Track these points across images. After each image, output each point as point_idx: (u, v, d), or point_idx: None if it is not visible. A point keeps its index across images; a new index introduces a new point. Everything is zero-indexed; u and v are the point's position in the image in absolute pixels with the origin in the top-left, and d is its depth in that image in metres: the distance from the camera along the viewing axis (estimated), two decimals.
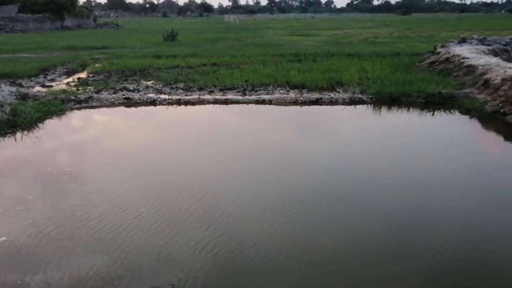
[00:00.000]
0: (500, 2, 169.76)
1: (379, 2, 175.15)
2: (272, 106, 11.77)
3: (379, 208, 5.88)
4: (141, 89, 13.55)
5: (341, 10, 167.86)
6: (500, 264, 4.60)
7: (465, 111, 10.81)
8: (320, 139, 9.25)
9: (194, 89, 13.45)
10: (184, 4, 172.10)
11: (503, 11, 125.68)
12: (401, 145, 8.74)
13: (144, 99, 12.32)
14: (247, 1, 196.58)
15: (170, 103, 12.06)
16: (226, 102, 12.11)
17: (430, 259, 4.62)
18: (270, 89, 13.27)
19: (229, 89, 13.36)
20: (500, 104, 10.56)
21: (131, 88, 13.55)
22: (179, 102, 12.12)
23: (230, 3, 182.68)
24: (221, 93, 12.92)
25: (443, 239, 5.05)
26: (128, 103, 12.15)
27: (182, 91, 13.20)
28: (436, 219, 5.58)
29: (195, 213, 5.64)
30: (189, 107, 11.89)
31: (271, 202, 5.95)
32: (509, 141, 9.08)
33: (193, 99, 12.33)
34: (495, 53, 16.41)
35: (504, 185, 6.79)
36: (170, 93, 13.04)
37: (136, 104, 12.10)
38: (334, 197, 6.24)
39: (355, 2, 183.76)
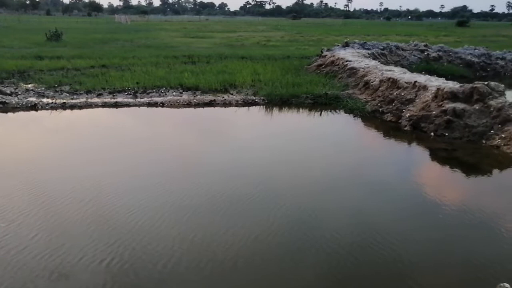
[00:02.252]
0: (379, 10, 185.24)
1: (271, 6, 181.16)
2: (165, 109, 11.52)
3: (276, 205, 6.02)
4: (20, 93, 12.42)
5: (235, 13, 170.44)
6: (388, 251, 4.96)
7: (349, 110, 11.57)
8: (215, 141, 9.25)
9: (81, 92, 12.68)
10: (70, 2, 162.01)
11: (381, 18, 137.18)
12: (292, 144, 9.07)
13: (24, 104, 11.32)
14: (139, 2, 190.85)
15: (54, 107, 11.21)
16: (116, 105, 11.59)
17: (328, 251, 4.85)
18: (162, 91, 12.99)
19: (119, 91, 12.82)
20: (379, 104, 11.46)
21: (8, 92, 12.35)
22: (64, 106, 11.32)
23: (121, 3, 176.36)
24: (111, 96, 12.35)
25: (337, 231, 5.33)
26: (5, 108, 11.07)
27: (68, 95, 12.37)
28: (329, 212, 5.89)
29: (81, 221, 5.30)
30: (76, 111, 11.15)
31: (170, 208, 5.82)
32: (387, 137, 9.85)
33: (80, 103, 11.61)
34: (374, 57, 17.83)
35: (386, 178, 7.35)
36: (54, 96, 12.14)
37: (14, 109, 11.07)
38: (234, 196, 6.25)
39: (248, 6, 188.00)
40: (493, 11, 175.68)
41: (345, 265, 4.69)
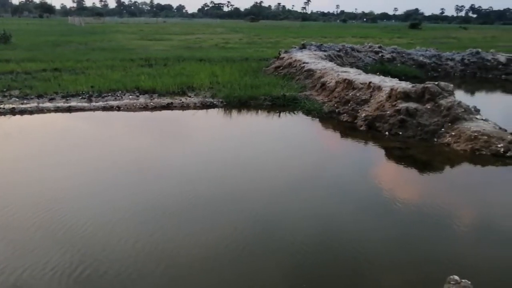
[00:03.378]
0: (335, 13, 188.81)
1: (229, 9, 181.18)
2: (121, 113, 11.27)
3: (235, 208, 6.01)
4: None
5: (193, 15, 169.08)
6: (351, 249, 5.04)
7: (306, 111, 11.70)
8: (172, 144, 9.12)
9: (32, 97, 12.20)
10: (20, 3, 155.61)
11: (338, 21, 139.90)
12: (251, 146, 9.09)
13: None
14: (93, 3, 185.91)
15: (2, 113, 10.73)
16: (69, 110, 11.23)
17: (287, 254, 4.87)
18: (118, 94, 12.70)
19: (73, 96, 12.42)
20: (335, 105, 11.66)
21: None
22: (13, 112, 10.86)
23: (75, 5, 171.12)
24: (64, 100, 11.95)
25: (296, 233, 5.36)
26: None
27: (17, 99, 11.87)
28: (288, 214, 5.91)
29: (29, 227, 5.09)
30: (26, 116, 10.73)
31: (125, 211, 5.68)
32: (344, 137, 10.02)
33: (31, 107, 11.17)
34: (330, 58, 18.12)
35: (344, 178, 7.47)
36: (2, 101, 11.62)
37: None
38: (191, 200, 6.18)
39: (206, 8, 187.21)
40: (443, 14, 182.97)
41: (305, 266, 4.72)
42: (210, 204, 6.10)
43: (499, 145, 8.39)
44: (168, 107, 11.84)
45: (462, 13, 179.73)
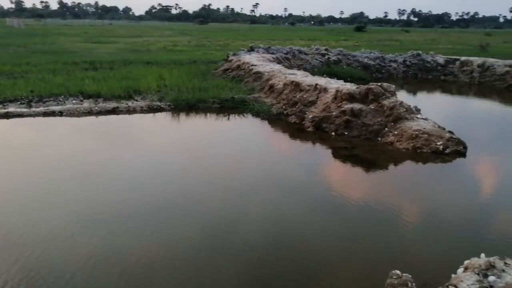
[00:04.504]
0: (284, 16, 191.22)
1: (178, 11, 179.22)
2: (63, 118, 10.85)
3: (186, 212, 5.92)
4: None
5: (140, 17, 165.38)
6: (300, 252, 5.07)
7: (255, 114, 11.75)
8: (118, 149, 8.87)
9: None
10: None
11: (286, 24, 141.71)
12: (201, 150, 8.98)
13: None
14: (34, 4, 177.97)
15: None
16: (6, 116, 10.67)
17: (241, 256, 4.83)
18: (61, 99, 12.20)
19: (10, 101, 11.82)
20: (283, 106, 11.79)
21: None
22: None
23: (13, 6, 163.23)
24: (1, 106, 11.34)
25: (250, 236, 5.35)
26: None
27: None
28: (240, 217, 5.91)
29: None
30: None
31: (74, 217, 5.45)
32: (293, 138, 10.12)
33: None
34: (278, 61, 18.33)
35: (294, 180, 7.54)
36: None
37: None
38: (140, 206, 6.02)
39: (154, 10, 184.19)
40: (387, 18, 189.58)
41: (258, 268, 4.72)
42: (159, 209, 5.97)
43: (438, 143, 8.77)
44: (114, 111, 11.53)
45: (404, 17, 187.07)
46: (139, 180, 7.10)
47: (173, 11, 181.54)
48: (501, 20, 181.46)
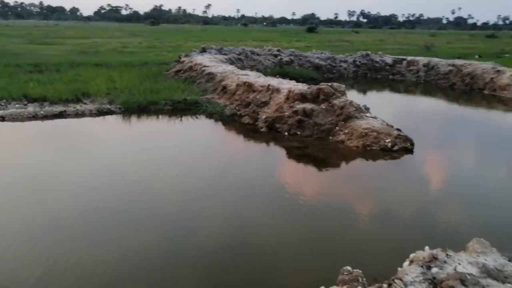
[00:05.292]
0: (236, 17, 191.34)
1: (128, 12, 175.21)
2: (5, 123, 10.33)
3: (143, 217, 5.79)
4: None
5: (89, 18, 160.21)
6: (261, 248, 5.07)
7: (209, 115, 11.68)
8: (66, 155, 8.53)
9: None
10: None
11: (239, 25, 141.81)
12: (155, 153, 8.80)
13: None
14: None
15: None
16: None
17: (203, 258, 4.76)
18: (3, 103, 11.62)
19: None
20: (237, 107, 11.78)
21: None
22: None
23: None
24: None
25: (211, 238, 5.31)
26: None
27: None
28: (200, 219, 5.87)
29: None
30: None
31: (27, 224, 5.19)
32: (247, 139, 10.13)
33: None
34: (231, 62, 18.32)
35: (250, 181, 7.54)
36: None
37: None
38: (95, 211, 5.82)
39: (103, 11, 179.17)
40: (337, 19, 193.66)
41: (220, 269, 4.71)
42: (107, 216, 5.80)
43: (387, 140, 9.05)
44: (61, 115, 11.12)
45: (354, 18, 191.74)
46: (86, 187, 6.87)
47: (123, 12, 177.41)
48: (444, 21, 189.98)
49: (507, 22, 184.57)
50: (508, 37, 68.85)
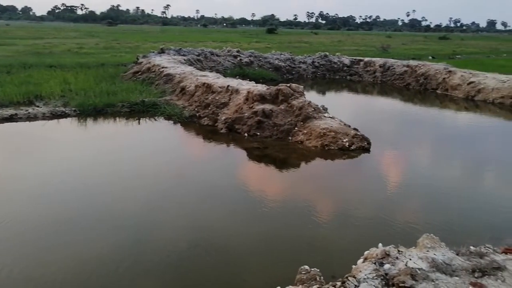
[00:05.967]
0: (196, 18, 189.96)
1: (84, 12, 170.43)
2: None
3: (103, 222, 5.63)
4: None
5: (42, 18, 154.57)
6: (225, 250, 5.03)
7: (167, 117, 11.53)
8: (17, 160, 8.21)
9: None
10: None
11: (198, 25, 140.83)
12: (112, 156, 8.61)
13: None
14: None
15: None
16: None
17: (165, 262, 4.67)
18: None
19: None
20: (196, 109, 11.69)
21: None
22: None
23: None
24: None
25: (173, 241, 5.22)
26: None
27: None
28: (163, 220, 5.79)
29: None
30: None
31: None
32: (207, 141, 10.05)
33: None
34: (190, 63, 18.17)
35: (212, 182, 7.47)
36: None
37: None
38: (47, 218, 5.60)
39: (57, 11, 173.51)
40: (297, 20, 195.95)
41: (178, 271, 4.66)
42: (61, 223, 5.62)
43: (344, 140, 9.21)
44: (12, 119, 10.69)
45: (313, 19, 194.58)
46: (35, 193, 6.64)
47: (79, 12, 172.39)
48: (400, 23, 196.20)
49: (458, 24, 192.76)
50: (459, 39, 71.84)
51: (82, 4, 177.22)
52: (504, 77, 16.56)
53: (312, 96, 13.63)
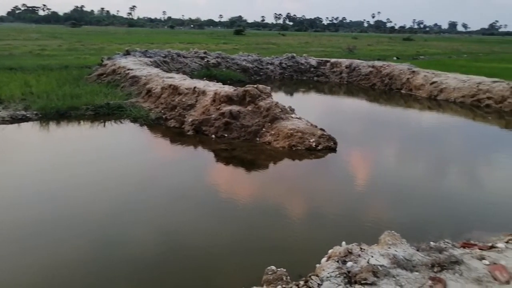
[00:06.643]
0: (163, 19, 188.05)
1: (46, 13, 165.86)
2: None
3: (71, 229, 5.48)
4: None
5: (1, 19, 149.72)
6: (196, 253, 4.97)
7: (133, 119, 11.35)
8: None
9: None
10: None
11: (165, 27, 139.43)
12: (76, 161, 8.38)
13: None
14: None
15: None
16: None
17: (135, 266, 4.58)
18: None
19: None
20: (162, 111, 11.57)
21: None
22: None
23: None
24: None
25: (142, 245, 5.13)
26: None
27: None
28: (132, 224, 5.71)
29: None
30: None
31: None
32: (174, 143, 9.95)
33: None
34: (156, 65, 17.95)
35: (180, 186, 7.40)
36: None
37: None
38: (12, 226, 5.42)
39: (17, 11, 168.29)
40: (264, 21, 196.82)
41: (150, 274, 4.58)
42: (36, 228, 5.45)
43: (311, 140, 9.30)
44: None
45: (280, 21, 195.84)
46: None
47: (41, 13, 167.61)
48: (365, 25, 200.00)
49: (422, 26, 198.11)
50: (422, 40, 73.85)
51: (44, 5, 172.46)
52: (464, 77, 17.13)
53: (279, 97, 13.69)
